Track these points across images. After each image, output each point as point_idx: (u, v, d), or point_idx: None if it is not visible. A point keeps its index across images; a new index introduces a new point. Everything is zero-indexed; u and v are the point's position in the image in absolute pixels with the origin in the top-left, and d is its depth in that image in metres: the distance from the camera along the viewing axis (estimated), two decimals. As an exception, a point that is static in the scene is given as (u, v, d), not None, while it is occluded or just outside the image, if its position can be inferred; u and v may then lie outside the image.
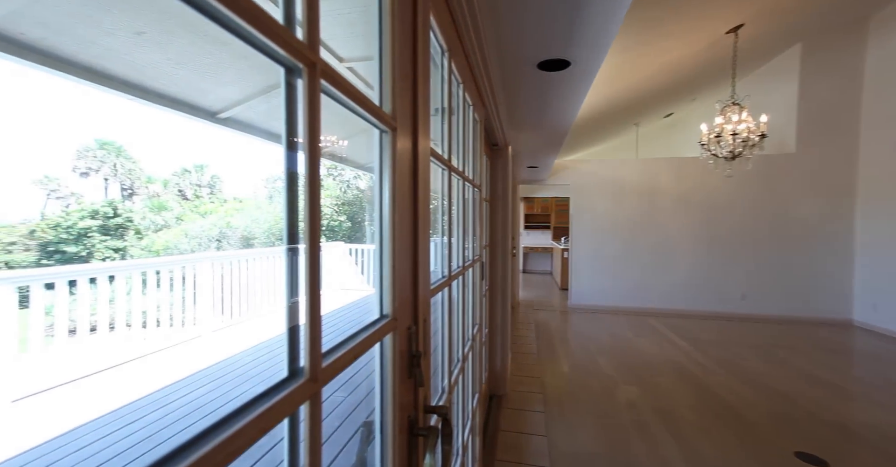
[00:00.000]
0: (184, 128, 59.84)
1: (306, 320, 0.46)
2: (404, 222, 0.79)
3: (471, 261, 1.66)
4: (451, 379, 1.12)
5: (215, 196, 19.40)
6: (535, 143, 3.34)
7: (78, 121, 57.33)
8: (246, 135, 3.17)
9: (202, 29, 1.82)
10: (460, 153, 1.40)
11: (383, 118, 0.69)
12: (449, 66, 1.13)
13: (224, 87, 2.63)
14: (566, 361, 3.83)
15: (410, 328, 0.80)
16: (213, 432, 0.34)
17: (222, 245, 11.69)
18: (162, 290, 3.72)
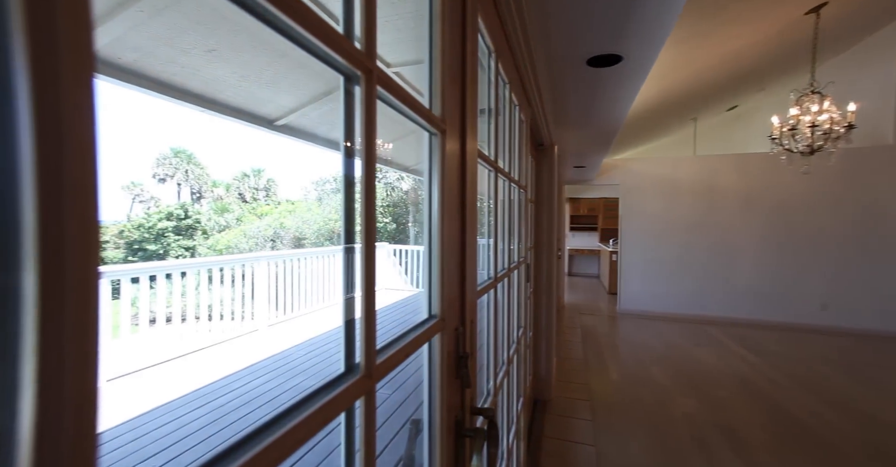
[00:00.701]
0: (244, 135, 64.36)
1: (362, 318, 0.48)
2: (452, 224, 0.79)
3: (516, 262, 1.64)
4: (497, 382, 1.11)
5: (270, 198, 20.69)
6: (583, 143, 3.23)
7: (157, 132, 63.86)
8: (298, 140, 3.36)
9: (264, 44, 1.95)
10: (506, 154, 1.39)
11: (433, 120, 0.70)
12: (496, 66, 1.13)
13: (281, 97, 2.80)
14: (615, 369, 3.65)
15: (458, 329, 0.80)
16: (279, 422, 0.36)
17: (276, 245, 12.44)
18: (224, 286, 4.03)
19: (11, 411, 0.16)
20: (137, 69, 1.70)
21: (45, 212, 0.18)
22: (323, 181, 17.99)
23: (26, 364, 0.17)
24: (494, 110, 1.17)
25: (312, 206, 14.27)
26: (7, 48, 0.16)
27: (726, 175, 5.43)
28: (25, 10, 0.16)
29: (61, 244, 0.18)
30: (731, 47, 3.70)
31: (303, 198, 18.40)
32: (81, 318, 0.18)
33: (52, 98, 0.18)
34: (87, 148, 0.19)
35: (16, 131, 0.17)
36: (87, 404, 0.18)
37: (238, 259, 4.24)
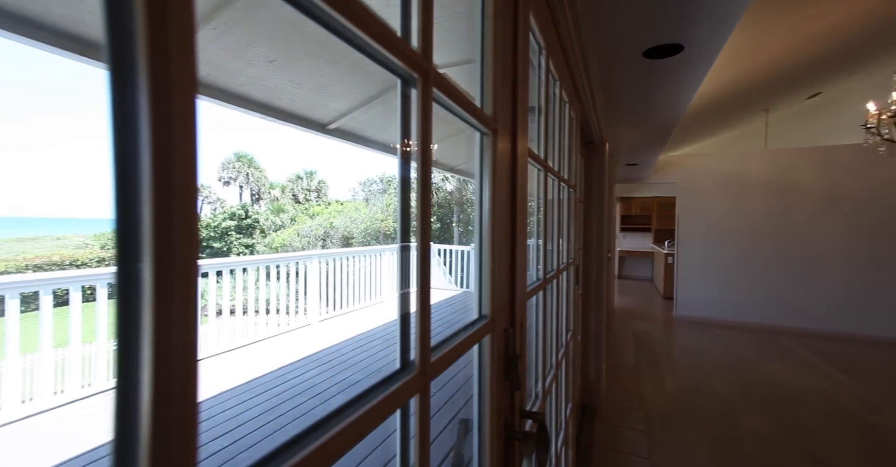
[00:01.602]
0: (299, 139, 68.14)
1: (417, 316, 0.48)
2: (503, 224, 0.79)
3: (565, 264, 1.59)
4: (545, 386, 1.08)
5: (321, 199, 21.71)
6: (637, 139, 3.06)
7: (223, 138, 69.57)
8: (348, 142, 3.50)
9: (318, 52, 2.06)
10: (556, 152, 1.35)
11: (484, 120, 0.70)
12: (546, 64, 1.10)
13: (333, 101, 2.93)
14: (671, 378, 3.43)
15: (508, 330, 0.79)
16: (339, 416, 0.37)
17: (326, 243, 13.05)
18: (280, 282, 4.30)
19: (136, 378, 0.19)
20: (210, 82, 1.86)
21: (157, 213, 0.20)
22: (370, 182, 18.60)
23: (145, 338, 0.19)
24: (544, 108, 1.14)
25: (360, 206, 14.80)
26: (134, 74, 0.19)
27: (805, 170, 4.89)
28: (148, 46, 0.19)
29: (170, 240, 0.20)
30: (815, 28, 3.32)
31: (351, 198, 19.13)
32: (185, 301, 0.21)
33: (165, 114, 0.20)
34: (191, 157, 0.21)
35: (138, 144, 0.19)
36: (191, 373, 0.21)
37: (292, 257, 4.50)
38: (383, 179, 18.55)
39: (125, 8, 0.19)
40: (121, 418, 0.19)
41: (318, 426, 0.35)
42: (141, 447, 0.19)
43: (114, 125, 0.20)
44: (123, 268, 0.20)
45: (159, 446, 0.19)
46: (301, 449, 0.31)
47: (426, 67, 0.47)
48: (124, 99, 0.19)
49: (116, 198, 0.20)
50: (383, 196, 14.90)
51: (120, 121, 0.20)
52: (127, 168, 0.20)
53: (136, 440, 0.19)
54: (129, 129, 0.20)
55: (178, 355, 0.20)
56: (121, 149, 0.20)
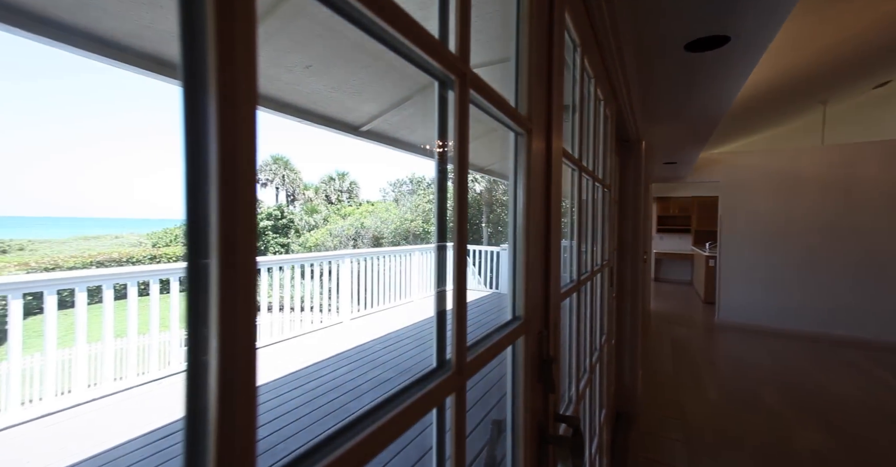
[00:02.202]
0: (332, 141, 70.10)
1: (453, 316, 0.49)
2: (537, 225, 0.78)
3: (599, 265, 1.55)
4: (579, 390, 1.06)
5: (353, 200, 22.23)
6: (676, 137, 2.93)
7: (260, 141, 72.83)
8: (379, 144, 3.57)
9: (352, 56, 2.11)
10: (590, 152, 1.32)
11: (519, 120, 0.69)
12: (581, 61, 1.08)
13: (366, 104, 3.00)
14: (713, 387, 3.25)
15: (541, 332, 0.79)
16: (375, 413, 0.37)
17: (357, 243, 13.35)
18: (314, 281, 4.44)
19: (204, 360, 0.21)
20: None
21: (223, 214, 0.22)
22: (400, 183, 18.85)
23: (212, 324, 0.21)
24: (579, 106, 1.12)
25: (390, 207, 15.03)
26: (205, 88, 0.21)
27: (870, 167, 4.49)
28: (218, 63, 0.21)
29: (233, 238, 0.22)
30: (881, 12, 3.05)
31: (381, 199, 19.46)
32: (246, 293, 0.22)
33: (230, 124, 0.21)
34: (251, 162, 0.23)
35: (207, 152, 0.21)
36: (251, 357, 0.23)
37: (325, 256, 4.64)
38: (413, 180, 18.75)
39: (198, 33, 0.21)
40: (191, 396, 0.21)
41: (356, 422, 0.36)
42: (210, 423, 0.21)
43: (186, 135, 0.22)
44: (193, 264, 0.22)
45: (226, 422, 0.21)
46: (341, 444, 0.32)
47: (463, 69, 0.48)
48: (195, 111, 0.21)
49: (187, 200, 0.22)
50: (412, 197, 15.05)
51: (191, 130, 0.21)
52: (197, 173, 0.21)
53: (205, 417, 0.21)
54: (199, 139, 0.21)
55: (241, 341, 0.22)
56: (192, 157, 0.22)
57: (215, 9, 0.21)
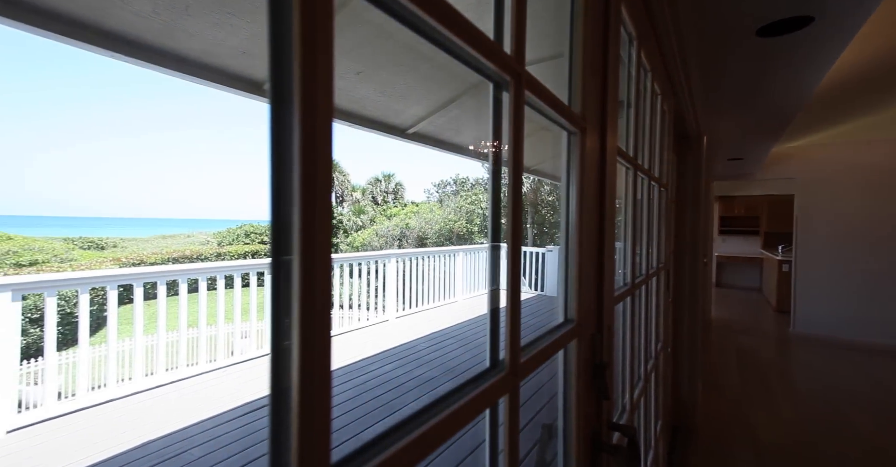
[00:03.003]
0: (379, 143, 72.63)
1: (507, 317, 0.49)
2: (590, 225, 0.76)
3: (655, 269, 1.46)
4: (633, 399, 1.01)
5: (398, 201, 22.75)
6: (744, 131, 2.70)
7: (311, 148, 76.98)
8: (424, 146, 3.63)
9: (400, 60, 2.17)
10: (646, 149, 1.26)
11: (573, 119, 0.68)
12: (638, 54, 1.03)
13: (412, 107, 3.07)
14: (789, 405, 2.95)
15: (594, 336, 0.76)
16: (428, 412, 0.38)
17: (402, 243, 13.64)
18: (362, 280, 4.60)
19: (287, 345, 0.23)
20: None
21: (304, 215, 0.24)
22: (444, 184, 19.00)
23: (294, 313, 0.23)
24: (634, 102, 1.07)
25: (434, 208, 15.20)
26: (289, 101, 0.23)
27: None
28: (302, 79, 0.23)
29: (312, 237, 0.24)
30: None
31: (426, 199, 19.75)
32: (323, 286, 0.24)
33: (310, 136, 0.24)
34: (328, 169, 0.25)
35: (291, 161, 0.23)
36: (326, 343, 0.25)
37: (372, 256, 4.79)
38: (456, 181, 18.82)
39: (285, 57, 0.23)
40: (275, 376, 0.24)
41: (412, 419, 0.36)
42: (293, 400, 0.23)
43: (272, 146, 0.24)
44: (277, 260, 0.24)
45: (305, 399, 0.23)
46: (394, 442, 0.32)
47: (518, 70, 0.48)
48: (282, 126, 0.24)
49: (272, 203, 0.25)
50: (456, 197, 15.12)
51: (277, 142, 0.24)
52: (281, 180, 0.24)
53: (288, 395, 0.23)
54: (283, 149, 0.24)
55: (318, 329, 0.24)
56: (277, 165, 0.24)
57: (300, 36, 0.23)
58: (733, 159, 3.91)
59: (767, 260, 7.11)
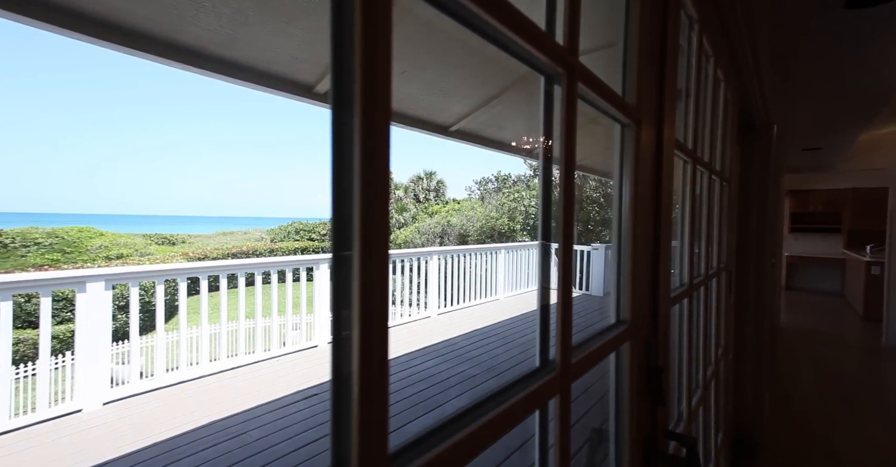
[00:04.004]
0: (420, 141, 73.87)
1: (557, 315, 0.48)
2: (645, 223, 0.72)
3: (715, 269, 1.36)
4: (691, 407, 0.95)
5: (439, 198, 22.92)
6: (823, 117, 2.42)
7: (356, 148, 79.86)
8: (466, 143, 3.62)
9: (444, 58, 2.18)
10: (706, 141, 1.17)
11: (627, 110, 0.64)
12: (699, 39, 0.96)
13: (455, 104, 3.07)
14: (878, 426, 2.62)
15: (649, 338, 0.72)
16: (474, 411, 0.37)
17: (444, 241, 13.74)
18: (404, 276, 4.70)
19: (347, 335, 0.24)
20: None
21: (363, 212, 0.24)
22: (485, 181, 18.88)
23: (354, 305, 0.24)
24: (694, 91, 1.00)
25: (475, 205, 15.16)
26: (350, 106, 0.24)
27: None
28: (362, 87, 0.24)
29: (371, 233, 0.25)
30: None
31: (467, 197, 19.74)
32: (380, 280, 0.25)
33: (370, 136, 0.24)
34: (385, 169, 0.26)
35: (352, 162, 0.24)
36: (384, 332, 0.26)
37: (415, 253, 4.87)
38: (498, 178, 18.61)
39: (346, 65, 0.24)
40: (336, 363, 0.25)
41: (458, 418, 0.35)
42: (353, 386, 0.24)
43: (333, 148, 0.25)
44: (337, 255, 0.26)
45: (365, 385, 0.24)
46: (445, 438, 0.32)
47: (572, 62, 0.46)
48: (342, 130, 0.25)
49: (334, 201, 0.26)
50: (498, 195, 14.96)
51: (338, 145, 0.25)
52: (342, 180, 0.25)
53: (349, 381, 0.24)
54: (344, 151, 0.25)
55: (377, 320, 0.25)
56: (338, 165, 0.25)
57: (361, 46, 0.24)
58: (809, 149, 3.53)
59: (851, 261, 6.35)
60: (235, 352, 3.14)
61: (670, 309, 0.84)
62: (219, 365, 2.95)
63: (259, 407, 2.40)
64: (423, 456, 0.30)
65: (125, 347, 4.20)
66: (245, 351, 3.17)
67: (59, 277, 2.40)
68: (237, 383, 2.79)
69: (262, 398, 2.51)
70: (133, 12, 1.39)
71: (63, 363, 3.93)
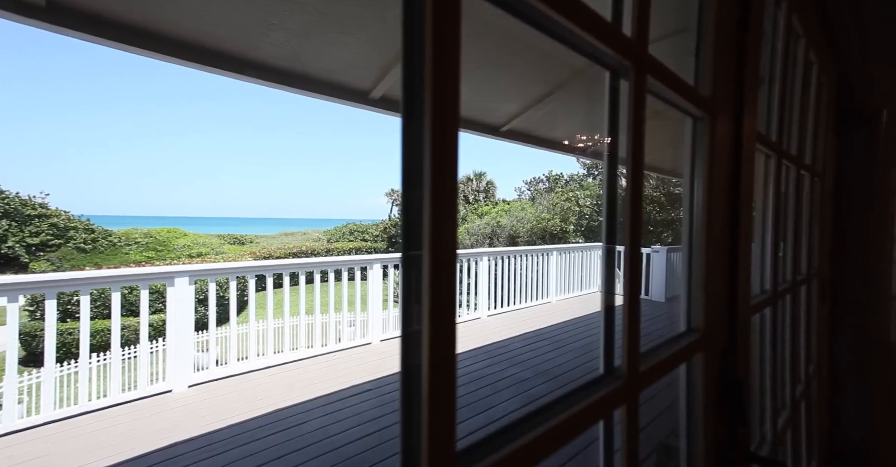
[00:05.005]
0: (470, 142, 74.77)
1: (624, 321, 0.45)
2: (720, 223, 0.66)
3: (804, 275, 1.21)
4: (777, 428, 0.85)
5: (489, 199, 22.78)
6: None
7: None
8: (517, 143, 3.56)
9: (494, 59, 2.17)
10: (794, 132, 1.05)
11: (700, 103, 0.60)
12: (787, 18, 0.86)
13: (506, 105, 3.04)
14: None
15: (726, 350, 0.66)
16: (534, 419, 0.36)
17: (493, 242, 13.62)
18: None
19: (417, 330, 0.25)
20: (392, 97, 2.26)
21: (433, 213, 0.25)
22: (536, 181, 18.47)
23: (424, 301, 0.25)
24: (780, 77, 0.90)
25: (526, 206, 14.87)
26: (420, 115, 0.25)
27: None
28: (432, 99, 0.25)
29: (441, 233, 0.25)
30: None
31: (517, 197, 19.43)
32: (449, 277, 0.26)
33: (440, 140, 0.25)
34: (454, 173, 0.26)
35: (422, 166, 0.25)
36: (452, 327, 0.27)
37: (465, 253, 4.88)
38: (550, 178, 18.10)
39: (417, 77, 0.25)
40: (406, 356, 0.26)
41: (518, 424, 0.35)
42: (423, 378, 0.25)
43: (404, 154, 0.26)
44: (407, 255, 0.26)
45: (434, 376, 0.25)
46: (505, 443, 0.32)
47: (641, 54, 0.43)
48: (412, 137, 0.26)
49: (404, 203, 0.27)
50: (549, 194, 14.55)
51: (408, 151, 0.26)
52: (413, 183, 0.26)
53: (419, 373, 0.25)
54: (414, 157, 0.26)
55: (446, 315, 0.26)
56: (407, 170, 0.26)
57: (432, 58, 0.25)
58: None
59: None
60: (296, 346, 3.35)
61: (750, 318, 0.76)
62: (282, 357, 3.17)
63: (317, 399, 2.54)
64: (489, 457, 0.29)
65: (204, 337, 4.67)
66: (305, 346, 3.37)
67: (155, 272, 2.73)
68: (298, 375, 2.98)
69: (319, 391, 2.66)
70: (211, 33, 1.55)
71: (156, 348, 4.46)
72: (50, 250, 14.20)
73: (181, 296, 2.67)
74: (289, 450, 1.98)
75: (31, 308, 6.76)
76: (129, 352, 4.65)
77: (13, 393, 2.11)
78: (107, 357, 3.83)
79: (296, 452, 1.97)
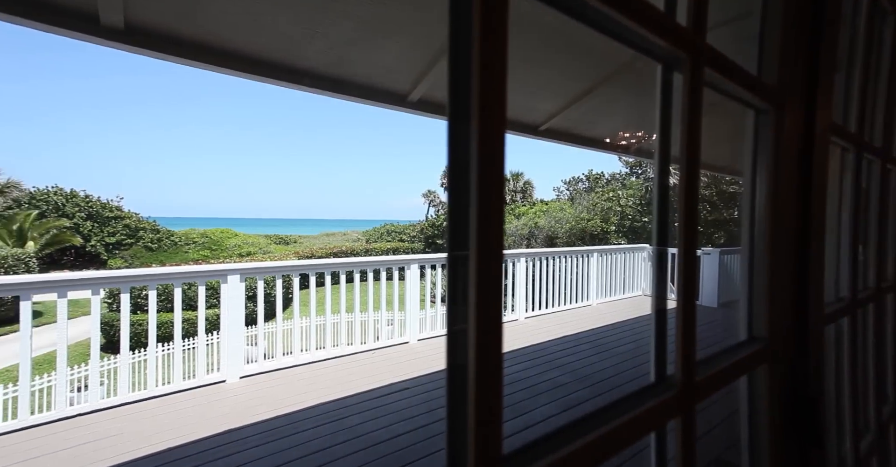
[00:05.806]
0: (508, 142, 74.20)
1: (678, 327, 0.43)
2: (787, 224, 0.60)
3: (890, 282, 1.08)
4: (859, 452, 0.76)
5: (526, 199, 22.41)
6: None
7: (442, 149, 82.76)
8: (555, 142, 3.47)
9: (532, 56, 2.13)
10: (878, 122, 0.94)
11: (765, 93, 0.55)
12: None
13: (544, 103, 2.97)
14: None
15: (795, 361, 0.60)
16: (579, 427, 0.34)
17: (531, 243, 13.37)
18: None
19: (463, 328, 0.25)
20: (439, 101, 2.25)
21: (480, 214, 0.25)
22: (575, 180, 17.93)
23: (471, 300, 0.25)
24: (861, 59, 0.81)
25: (564, 206, 14.47)
26: (468, 116, 0.25)
27: None
28: (480, 102, 0.25)
29: (488, 233, 0.25)
30: None
31: (555, 197, 18.97)
32: (495, 277, 0.26)
33: (489, 142, 0.25)
34: (500, 172, 0.25)
35: (468, 164, 0.25)
36: (498, 325, 0.26)
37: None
38: (590, 177, 17.50)
39: (463, 80, 0.25)
40: (451, 354, 0.26)
41: (563, 430, 0.34)
42: (469, 375, 0.25)
43: (450, 156, 0.26)
44: (453, 255, 0.26)
45: (481, 373, 0.25)
46: (551, 451, 0.31)
47: (698, 44, 0.41)
48: (458, 139, 0.25)
49: (451, 204, 0.27)
50: (590, 194, 14.07)
51: (454, 153, 0.26)
52: (459, 184, 0.25)
53: (465, 371, 0.25)
54: (460, 159, 0.26)
55: (493, 313, 0.26)
56: (454, 171, 0.26)
57: (479, 63, 0.24)
58: None
59: None
60: (337, 343, 3.47)
61: (824, 328, 0.69)
62: (324, 353, 3.29)
63: (357, 395, 2.61)
64: (535, 463, 0.29)
65: (253, 331, 4.95)
66: (346, 343, 3.48)
67: (211, 270, 2.93)
68: (339, 371, 3.08)
69: (359, 387, 2.73)
70: (256, 42, 1.64)
71: (211, 341, 4.80)
72: (124, 248, 15.79)
73: (234, 293, 2.85)
74: (332, 443, 2.05)
75: (109, 301, 7.50)
76: (189, 343, 5.07)
77: (96, 376, 2.36)
78: (170, 347, 4.17)
79: (338, 445, 2.03)
